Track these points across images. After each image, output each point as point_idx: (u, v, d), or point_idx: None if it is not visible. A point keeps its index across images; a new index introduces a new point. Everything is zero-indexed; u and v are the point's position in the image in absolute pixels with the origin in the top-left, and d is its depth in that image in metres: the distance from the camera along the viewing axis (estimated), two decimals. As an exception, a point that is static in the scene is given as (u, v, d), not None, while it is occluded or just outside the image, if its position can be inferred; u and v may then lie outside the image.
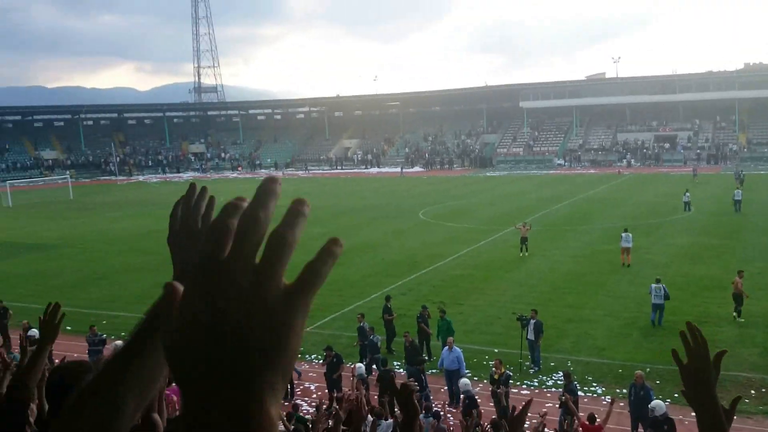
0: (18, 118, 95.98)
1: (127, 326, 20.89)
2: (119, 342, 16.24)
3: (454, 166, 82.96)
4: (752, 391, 15.18)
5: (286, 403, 15.23)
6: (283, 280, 0.69)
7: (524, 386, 16.20)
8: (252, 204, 0.72)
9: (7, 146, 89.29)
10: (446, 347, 16.38)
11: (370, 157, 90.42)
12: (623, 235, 26.83)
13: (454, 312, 21.63)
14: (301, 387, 16.76)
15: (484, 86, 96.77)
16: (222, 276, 0.67)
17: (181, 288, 0.69)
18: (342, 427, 6.36)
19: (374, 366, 16.58)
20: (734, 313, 19.94)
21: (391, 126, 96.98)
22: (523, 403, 4.24)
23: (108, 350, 16.32)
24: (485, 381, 15.77)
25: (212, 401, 0.61)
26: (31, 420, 4.23)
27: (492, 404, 14.71)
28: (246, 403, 0.62)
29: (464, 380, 14.83)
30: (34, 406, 4.45)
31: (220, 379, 0.62)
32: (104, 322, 20.37)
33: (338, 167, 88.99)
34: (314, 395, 15.87)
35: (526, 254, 29.14)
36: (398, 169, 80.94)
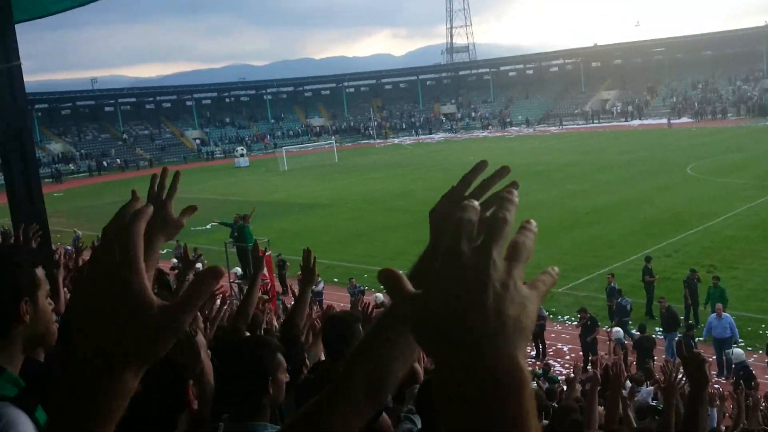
0: (291, 89, 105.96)
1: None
2: (379, 294, 17.41)
3: (728, 115, 74.70)
4: None
5: (538, 363, 15.18)
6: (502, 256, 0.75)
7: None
8: (499, 208, 0.79)
9: (282, 115, 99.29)
10: (714, 314, 15.04)
11: (630, 108, 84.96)
12: None
13: (727, 276, 19.74)
14: (554, 348, 16.57)
15: (765, 25, 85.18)
16: (451, 253, 0.73)
17: (398, 273, 0.78)
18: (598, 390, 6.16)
19: (619, 329, 15.74)
20: None
21: (655, 74, 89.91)
22: None
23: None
24: (760, 351, 14.25)
25: (461, 366, 0.68)
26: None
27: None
28: (495, 357, 0.67)
29: (738, 350, 13.54)
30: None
31: (469, 349, 0.68)
32: (365, 275, 21.93)
33: (594, 121, 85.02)
34: (567, 356, 15.60)
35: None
36: (664, 121, 74.98)
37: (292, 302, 5.72)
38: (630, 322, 16.92)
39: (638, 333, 15.50)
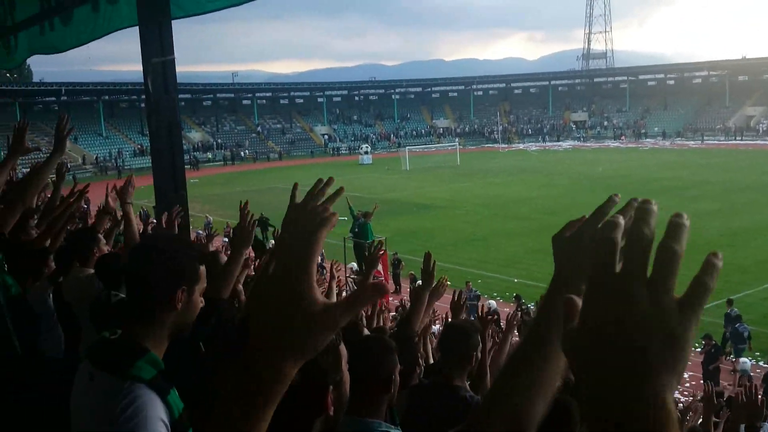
0: (419, 89, 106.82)
1: (497, 287, 22.21)
2: (492, 302, 17.36)
3: None
4: None
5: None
6: (674, 293, 0.75)
7: None
8: (636, 222, 0.79)
9: (408, 115, 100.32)
10: None
11: (778, 126, 79.21)
12: None
13: None
14: (672, 372, 15.88)
15: None
16: (618, 290, 0.74)
17: (579, 302, 0.79)
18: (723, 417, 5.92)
19: (746, 360, 14.82)
20: None
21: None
22: None
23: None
24: None
25: (611, 401, 0.70)
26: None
27: None
28: (647, 402, 0.69)
29: None
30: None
31: (622, 382, 0.70)
32: (479, 281, 21.91)
33: (737, 138, 79.86)
34: (686, 383, 14.92)
35: None
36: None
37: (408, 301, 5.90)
38: (746, 351, 15.95)
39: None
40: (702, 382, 14.75)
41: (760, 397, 4.76)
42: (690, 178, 46.48)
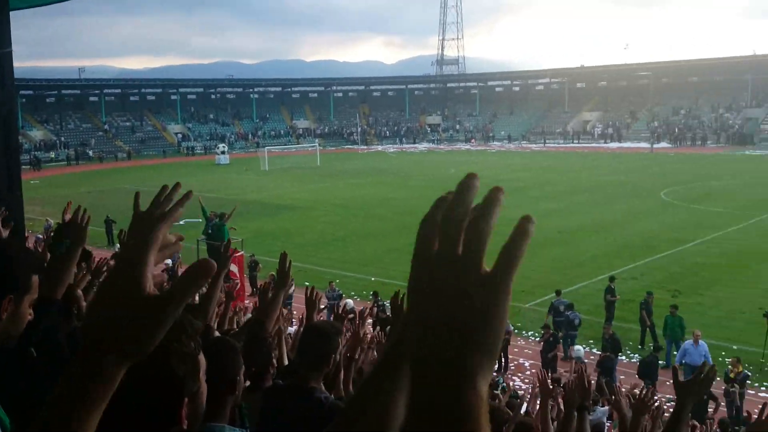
0: (278, 89, 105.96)
1: (355, 286, 22.53)
2: (350, 301, 17.61)
3: (708, 142, 76.00)
4: None
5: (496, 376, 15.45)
6: (484, 266, 0.76)
7: (763, 388, 14.74)
8: (454, 200, 0.81)
9: (267, 115, 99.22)
10: (690, 341, 15.25)
11: (610, 131, 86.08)
12: None
13: (692, 302, 20.21)
14: (516, 363, 16.88)
15: (751, 55, 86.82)
16: (431, 269, 0.76)
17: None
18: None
19: (579, 347, 16.01)
20: None
21: (639, 98, 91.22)
22: (760, 407, 3.91)
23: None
24: (718, 378, 14.59)
25: (429, 382, 0.70)
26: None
27: (724, 404, 13.64)
28: (458, 383, 0.69)
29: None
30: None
31: (435, 363, 0.70)
32: (337, 281, 22.11)
33: (575, 141, 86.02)
34: (527, 372, 15.91)
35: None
36: (643, 144, 76.15)
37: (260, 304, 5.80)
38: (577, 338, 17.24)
39: (600, 353, 15.85)
40: (541, 370, 15.83)
41: (590, 380, 5.19)
42: (532, 180, 49.45)
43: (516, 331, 18.11)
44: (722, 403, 13.69)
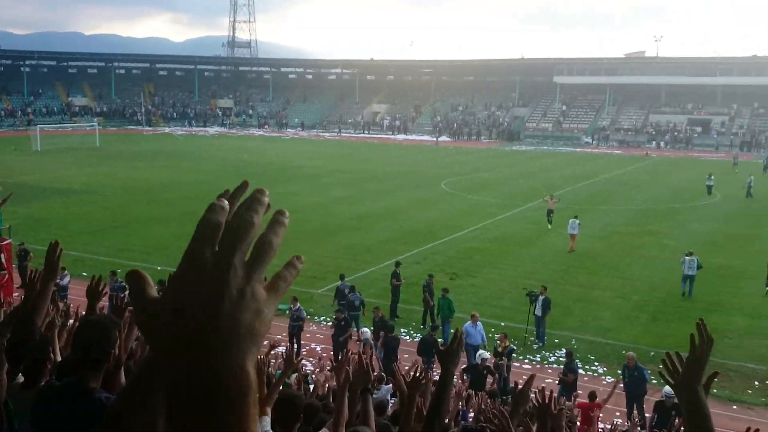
0: (53, 63, 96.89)
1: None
2: (366, 330, 16.59)
3: (482, 138, 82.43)
4: (756, 383, 15.21)
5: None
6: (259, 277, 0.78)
7: (527, 361, 16.40)
8: (247, 209, 0.80)
9: (40, 91, 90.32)
10: (470, 322, 16.33)
11: (398, 123, 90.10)
12: (571, 221, 26.43)
13: (467, 284, 21.84)
14: (308, 347, 17.11)
15: (520, 58, 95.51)
16: (204, 272, 0.76)
17: (144, 275, 0.81)
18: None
19: (366, 329, 16.57)
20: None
21: (423, 93, 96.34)
22: (525, 377, 4.28)
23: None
24: (489, 353, 15.95)
25: (192, 370, 0.71)
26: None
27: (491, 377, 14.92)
28: (226, 365, 0.71)
29: (485, 353, 14.98)
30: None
31: (201, 357, 0.71)
32: (119, 270, 20.85)
33: (366, 131, 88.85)
34: (318, 357, 16.20)
35: (550, 227, 29.26)
36: (427, 137, 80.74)
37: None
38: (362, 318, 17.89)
39: (387, 333, 16.55)
40: (332, 353, 16.19)
41: (372, 363, 5.39)
42: (325, 167, 50.34)
43: (309, 316, 18.35)
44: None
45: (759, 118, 76.53)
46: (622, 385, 13.86)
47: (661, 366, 2.59)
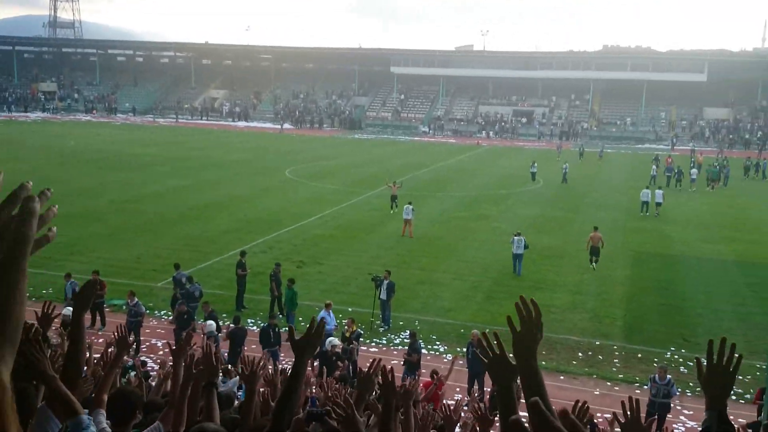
0: None
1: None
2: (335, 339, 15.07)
3: (324, 126, 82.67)
4: (579, 354, 16.59)
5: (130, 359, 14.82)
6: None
7: (373, 344, 16.78)
8: (21, 223, 0.78)
9: None
10: (326, 310, 16.20)
11: (238, 109, 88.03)
12: (405, 207, 27.63)
13: (314, 271, 21.90)
14: (148, 343, 16.38)
15: (358, 48, 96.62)
16: None
17: None
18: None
19: (211, 322, 16.12)
20: (593, 264, 23.07)
21: (263, 79, 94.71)
22: (371, 361, 4.34)
23: None
24: (337, 339, 16.12)
25: None
26: None
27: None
28: None
29: (333, 339, 15.03)
30: None
31: None
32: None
33: (204, 118, 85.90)
34: (161, 352, 15.57)
35: (396, 210, 30.06)
36: (273, 125, 79.66)
37: None
38: (199, 310, 17.36)
39: (233, 324, 16.21)
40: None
41: (218, 355, 5.26)
42: (161, 155, 48.16)
43: (148, 311, 17.53)
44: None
45: (575, 109, 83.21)
46: (462, 362, 14.58)
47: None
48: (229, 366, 12.10)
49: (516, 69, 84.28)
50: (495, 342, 2.39)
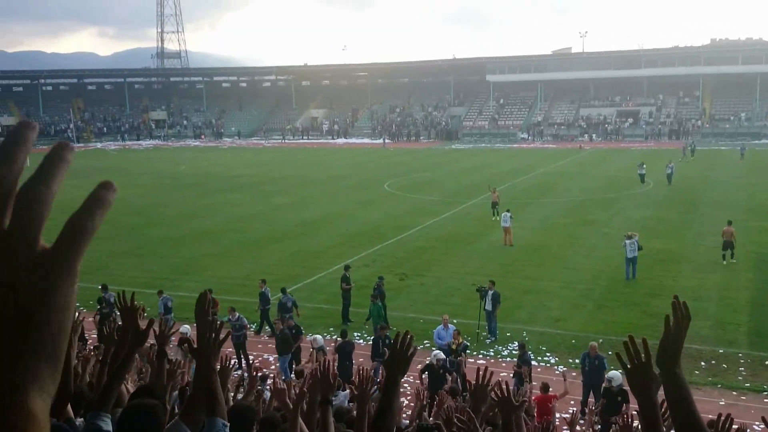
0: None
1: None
2: (319, 337, 15.96)
3: (421, 138, 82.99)
4: (702, 363, 15.66)
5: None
6: (41, 242, 0.61)
7: (480, 356, 16.51)
8: (34, 177, 0.65)
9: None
10: (441, 326, 16.02)
11: (337, 127, 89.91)
12: (503, 215, 26.93)
13: (417, 284, 21.87)
14: (260, 359, 16.80)
15: (452, 59, 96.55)
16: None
17: None
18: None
19: (319, 336, 16.26)
20: (732, 259, 22.69)
21: (359, 96, 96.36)
22: (479, 369, 4.19)
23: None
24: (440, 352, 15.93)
25: None
26: None
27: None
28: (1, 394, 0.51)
29: (439, 352, 14.95)
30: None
31: None
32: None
33: (305, 137, 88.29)
34: (273, 366, 15.93)
35: (497, 218, 29.52)
36: (370, 140, 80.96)
37: None
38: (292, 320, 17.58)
39: (340, 339, 16.38)
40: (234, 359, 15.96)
41: (334, 372, 5.10)
42: (266, 175, 49.78)
43: (253, 326, 18.00)
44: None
45: (685, 106, 79.44)
46: (574, 374, 14.09)
47: (611, 353, 2.45)
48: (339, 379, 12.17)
49: (618, 69, 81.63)
50: (642, 349, 2.21)
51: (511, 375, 14.17)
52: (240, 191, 42.02)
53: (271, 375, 14.22)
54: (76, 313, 4.41)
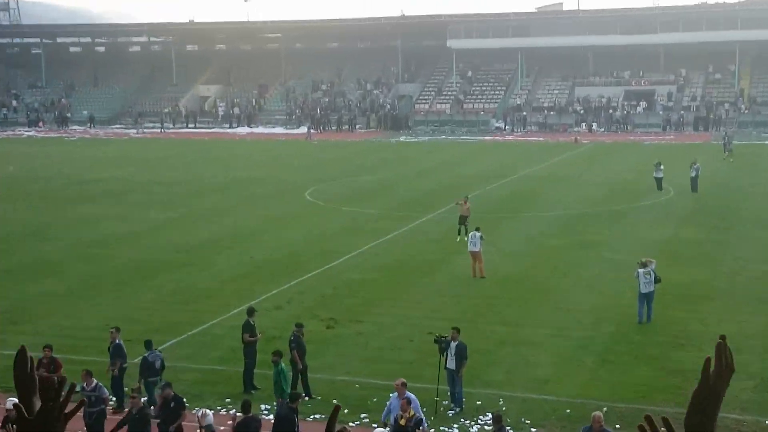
0: None
1: None
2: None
3: (357, 127, 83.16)
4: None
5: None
6: None
7: (440, 434, 16.57)
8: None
9: None
10: (395, 394, 15.96)
11: (237, 111, 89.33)
12: (471, 235, 27.41)
13: (351, 333, 21.87)
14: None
15: (400, 16, 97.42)
16: None
17: None
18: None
19: (209, 412, 16.07)
20: None
21: (269, 68, 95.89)
22: None
23: None
24: (387, 429, 15.98)
25: None
26: None
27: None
28: None
29: (381, 430, 14.88)
30: None
31: None
32: None
33: (191, 125, 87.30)
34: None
35: (466, 239, 29.43)
36: (279, 129, 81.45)
37: None
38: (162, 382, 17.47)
39: (241, 413, 16.16)
40: None
41: None
42: (134, 179, 49.08)
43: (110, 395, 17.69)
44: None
45: (715, 85, 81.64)
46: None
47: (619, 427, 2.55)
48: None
49: (626, 33, 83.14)
50: (663, 429, 2.26)
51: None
52: (96, 203, 41.27)
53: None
54: None
